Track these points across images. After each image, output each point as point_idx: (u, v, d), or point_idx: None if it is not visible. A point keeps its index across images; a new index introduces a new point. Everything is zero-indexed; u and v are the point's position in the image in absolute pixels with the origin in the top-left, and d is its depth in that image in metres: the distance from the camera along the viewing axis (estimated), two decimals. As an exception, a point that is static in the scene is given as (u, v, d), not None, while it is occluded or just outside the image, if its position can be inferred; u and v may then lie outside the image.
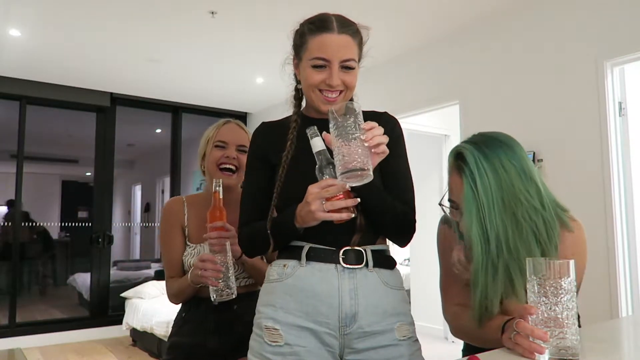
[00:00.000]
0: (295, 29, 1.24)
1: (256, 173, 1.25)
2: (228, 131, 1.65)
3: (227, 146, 1.62)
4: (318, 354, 1.10)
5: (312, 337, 1.10)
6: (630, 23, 2.77)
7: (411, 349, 1.15)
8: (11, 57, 4.29)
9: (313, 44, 1.16)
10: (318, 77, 1.15)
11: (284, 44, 1.34)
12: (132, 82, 5.03)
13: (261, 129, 1.31)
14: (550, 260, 0.90)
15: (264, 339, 1.12)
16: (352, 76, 1.17)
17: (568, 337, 0.88)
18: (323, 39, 1.15)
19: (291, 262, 1.15)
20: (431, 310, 4.97)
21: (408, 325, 1.17)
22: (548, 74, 3.15)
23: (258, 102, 5.76)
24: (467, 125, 3.65)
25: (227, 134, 1.64)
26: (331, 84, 1.14)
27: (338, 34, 1.14)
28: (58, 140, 6.26)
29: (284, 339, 1.10)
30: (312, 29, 1.17)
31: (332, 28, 1.15)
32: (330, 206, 1.03)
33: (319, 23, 1.17)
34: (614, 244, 2.75)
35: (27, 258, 5.48)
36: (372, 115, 1.23)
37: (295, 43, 1.23)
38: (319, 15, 1.20)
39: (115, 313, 5.28)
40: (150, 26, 3.69)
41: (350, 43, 1.16)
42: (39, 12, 3.44)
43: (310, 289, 1.11)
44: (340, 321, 1.11)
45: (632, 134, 2.85)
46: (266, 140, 1.26)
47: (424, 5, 3.32)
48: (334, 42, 1.14)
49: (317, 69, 1.15)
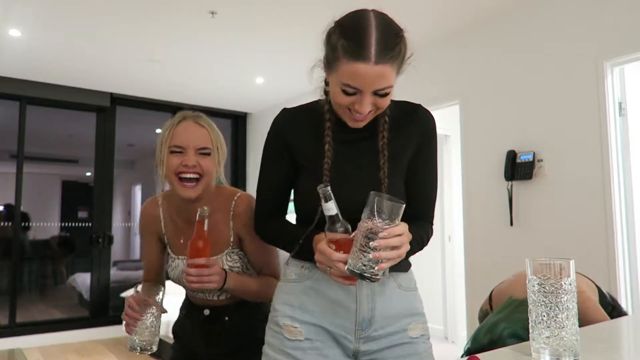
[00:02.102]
0: (330, 30, 1.06)
1: (276, 169, 1.20)
2: (183, 132, 1.35)
3: (184, 151, 1.34)
4: (335, 351, 1.13)
5: (328, 336, 1.13)
6: (630, 23, 2.77)
7: (424, 347, 1.16)
8: (11, 57, 4.29)
9: (345, 69, 1.00)
10: (347, 100, 1.04)
11: (284, 44, 1.33)
12: (132, 82, 5.03)
13: (282, 118, 1.20)
14: (550, 260, 0.90)
15: (284, 335, 1.13)
16: (386, 100, 1.05)
17: (568, 337, 0.88)
18: (357, 68, 0.98)
19: (308, 264, 1.14)
20: (431, 310, 4.98)
21: (422, 324, 1.18)
22: (548, 74, 3.15)
23: (258, 102, 5.76)
24: (467, 125, 3.65)
25: (182, 136, 1.34)
26: (361, 111, 1.04)
27: (375, 64, 0.98)
28: (58, 140, 6.26)
29: (304, 334, 1.11)
30: (347, 51, 0.99)
31: (368, 57, 0.98)
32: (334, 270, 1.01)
33: (356, 47, 0.98)
34: (614, 244, 2.75)
35: (27, 258, 5.48)
36: (404, 108, 1.17)
37: (326, 50, 1.06)
38: (357, 28, 1.00)
39: (115, 313, 5.28)
40: (150, 26, 3.69)
41: (388, 72, 1.00)
42: (39, 12, 3.44)
43: (327, 292, 1.12)
44: (356, 325, 1.12)
45: (632, 134, 2.85)
46: (290, 136, 1.17)
47: (424, 5, 3.32)
48: (368, 74, 0.99)
49: (347, 94, 1.03)
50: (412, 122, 1.17)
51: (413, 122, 1.17)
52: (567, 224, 2.97)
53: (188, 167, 1.32)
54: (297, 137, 1.16)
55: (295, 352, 1.11)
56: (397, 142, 1.15)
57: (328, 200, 1.00)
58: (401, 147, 1.15)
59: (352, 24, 1.02)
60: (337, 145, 1.13)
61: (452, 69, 3.79)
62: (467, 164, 3.62)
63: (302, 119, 1.18)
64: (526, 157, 3.18)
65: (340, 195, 1.04)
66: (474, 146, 3.58)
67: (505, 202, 3.30)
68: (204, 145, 1.35)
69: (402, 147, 1.15)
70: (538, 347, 0.91)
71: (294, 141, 1.17)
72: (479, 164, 3.51)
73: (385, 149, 1.12)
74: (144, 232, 1.53)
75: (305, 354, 1.11)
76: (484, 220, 3.43)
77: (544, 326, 0.89)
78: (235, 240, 1.42)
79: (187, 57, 4.34)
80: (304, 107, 1.21)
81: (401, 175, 1.16)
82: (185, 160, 1.33)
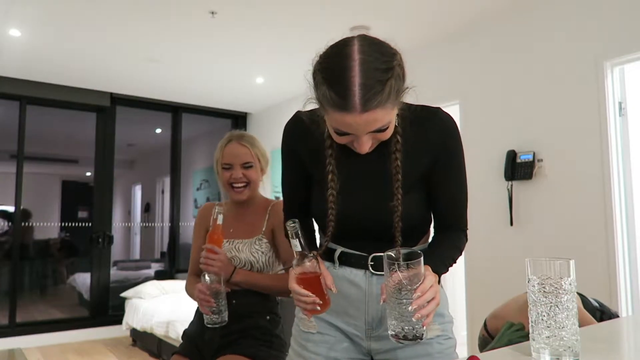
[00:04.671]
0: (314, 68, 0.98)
1: (290, 172, 1.24)
2: (230, 153, 1.76)
3: (232, 167, 1.75)
4: (348, 347, 1.16)
5: (341, 334, 1.17)
6: (630, 23, 2.76)
7: (440, 347, 1.13)
8: (11, 57, 4.28)
9: (333, 117, 0.94)
10: (343, 140, 0.99)
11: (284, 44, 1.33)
12: (132, 82, 5.03)
13: (293, 126, 1.18)
14: (550, 260, 0.90)
15: (299, 327, 1.22)
16: (386, 133, 0.99)
17: (568, 337, 0.88)
18: (344, 118, 0.92)
19: (326, 264, 1.16)
20: (431, 310, 4.98)
21: (439, 324, 1.15)
22: (548, 74, 3.15)
23: (258, 102, 5.75)
24: (467, 125, 3.65)
25: (229, 156, 1.76)
26: (360, 150, 1.00)
27: (361, 112, 0.90)
28: (58, 140, 6.26)
29: (317, 328, 1.18)
30: (330, 103, 0.92)
31: (353, 108, 0.90)
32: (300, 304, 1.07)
33: (339, 99, 0.90)
34: (614, 244, 2.75)
35: (27, 258, 5.49)
36: (422, 113, 1.09)
37: (314, 90, 0.98)
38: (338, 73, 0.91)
39: (115, 313, 5.28)
40: (150, 26, 3.69)
41: (379, 115, 0.92)
42: (39, 12, 3.44)
43: (341, 291, 1.13)
44: (366, 324, 1.14)
45: (632, 134, 2.85)
46: (298, 144, 1.17)
47: (424, 5, 3.31)
48: (357, 123, 0.92)
49: (341, 135, 0.98)
50: (428, 130, 1.09)
51: (431, 132, 1.09)
52: (567, 224, 2.97)
53: (236, 178, 1.74)
54: (305, 147, 1.15)
55: (307, 344, 1.18)
56: (412, 158, 1.08)
57: (294, 237, 1.05)
58: (416, 163, 1.09)
59: (333, 66, 0.93)
60: (344, 158, 1.09)
61: (452, 69, 3.79)
62: (467, 164, 3.61)
63: (311, 126, 1.12)
64: (526, 157, 3.19)
65: (348, 210, 1.10)
66: (474, 146, 3.58)
67: (505, 202, 3.30)
68: (247, 160, 1.75)
69: (417, 163, 1.09)
70: (538, 347, 0.91)
71: (301, 151, 1.17)
72: (479, 163, 3.51)
73: (399, 173, 1.05)
74: (196, 228, 1.87)
75: (316, 346, 1.17)
76: (484, 220, 3.43)
77: (544, 326, 0.90)
78: (267, 232, 1.76)
79: (187, 57, 4.34)
80: (314, 111, 1.12)
81: (417, 187, 1.11)
82: (234, 174, 1.74)
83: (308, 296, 1.03)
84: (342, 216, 1.10)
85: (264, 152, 1.81)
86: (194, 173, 6.58)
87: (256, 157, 1.77)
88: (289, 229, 1.05)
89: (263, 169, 1.81)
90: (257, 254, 1.72)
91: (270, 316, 1.75)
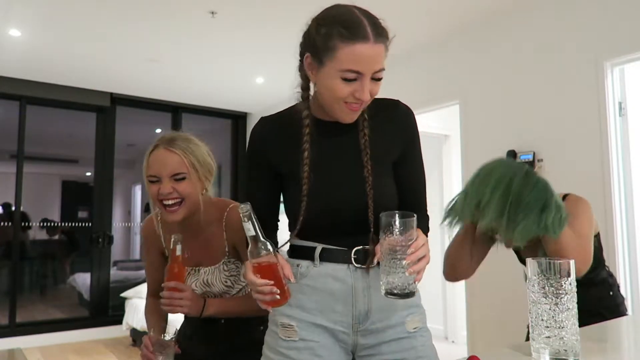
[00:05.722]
0: (312, 26, 1.08)
1: (257, 176, 1.19)
2: (156, 161, 1.37)
3: (160, 179, 1.37)
4: (331, 349, 1.13)
5: (326, 333, 1.14)
6: (630, 23, 2.77)
7: (423, 340, 1.16)
8: (11, 57, 4.28)
9: (345, 54, 1.00)
10: (347, 90, 1.03)
11: (284, 43, 1.33)
12: (132, 82, 5.03)
13: (260, 129, 1.19)
14: (551, 260, 0.90)
15: (279, 335, 1.15)
16: (378, 86, 1.07)
17: (568, 337, 0.88)
18: (358, 49, 1.00)
19: (304, 262, 1.15)
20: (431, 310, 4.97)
21: (419, 315, 1.18)
22: (548, 74, 3.15)
23: (258, 102, 5.76)
24: (467, 125, 3.65)
25: (156, 165, 1.37)
26: (362, 98, 1.04)
27: (374, 43, 1.01)
28: (58, 140, 6.26)
29: (299, 334, 1.13)
30: (345, 36, 1.00)
31: (367, 37, 1.00)
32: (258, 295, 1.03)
33: (352, 30, 1.00)
34: (614, 244, 2.75)
35: (27, 258, 5.49)
36: (384, 104, 1.18)
37: (316, 44, 1.04)
38: (345, 14, 1.04)
39: (115, 313, 5.28)
40: (150, 26, 3.69)
41: (383, 52, 1.03)
42: (39, 12, 3.44)
43: (325, 288, 1.13)
44: (353, 319, 1.13)
45: (632, 134, 2.85)
46: (270, 146, 1.17)
47: (424, 5, 3.32)
48: (369, 53, 1.00)
49: (348, 81, 1.03)
50: (393, 119, 1.17)
51: (395, 119, 1.18)
52: (567, 224, 2.97)
53: (165, 195, 1.36)
54: (276, 147, 1.17)
55: (290, 352, 1.12)
56: (379, 139, 1.15)
57: (247, 220, 1.02)
58: (384, 144, 1.15)
59: (339, 12, 1.05)
60: (317, 149, 1.12)
61: (452, 69, 3.79)
62: (467, 164, 3.61)
63: (279, 127, 1.18)
64: (526, 157, 3.19)
65: (325, 198, 1.10)
66: (474, 146, 3.58)
67: (505, 202, 3.30)
68: (178, 171, 1.37)
69: (384, 144, 1.16)
70: (538, 347, 0.91)
71: (273, 151, 1.16)
72: (479, 164, 3.49)
73: (368, 147, 1.12)
74: (146, 247, 1.58)
75: (299, 353, 1.12)
76: (484, 220, 3.43)
77: (544, 326, 0.90)
78: (231, 251, 1.46)
79: (187, 57, 4.34)
80: (280, 114, 1.21)
81: (387, 172, 1.16)
82: (162, 188, 1.35)
83: (265, 285, 1.01)
84: (317, 199, 1.11)
85: (203, 159, 1.43)
86: (194, 173, 6.57)
87: (190, 166, 1.38)
88: (241, 212, 1.02)
89: (203, 178, 1.43)
90: (230, 281, 1.46)
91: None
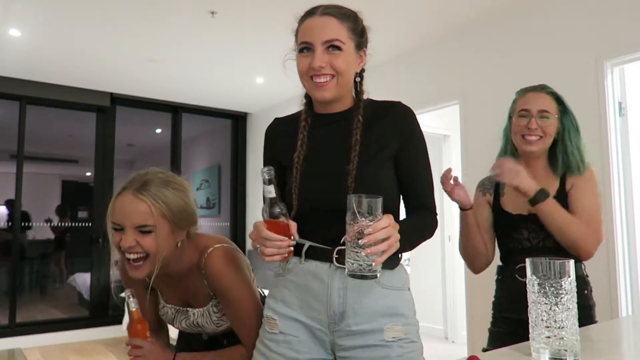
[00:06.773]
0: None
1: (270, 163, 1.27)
2: (121, 208, 1.21)
3: (123, 229, 1.21)
4: (309, 345, 1.16)
5: (305, 329, 1.17)
6: (630, 23, 2.77)
7: (401, 351, 1.12)
8: (11, 57, 4.28)
9: (299, 32, 1.18)
10: (305, 63, 1.15)
11: (284, 44, 1.34)
12: (132, 82, 5.03)
13: (272, 128, 1.33)
14: (550, 260, 0.90)
15: (265, 326, 1.21)
16: (340, 59, 1.13)
17: (568, 337, 0.88)
18: (306, 24, 1.17)
19: (293, 259, 1.19)
20: (431, 310, 4.98)
21: (402, 326, 1.14)
22: (548, 74, 3.15)
23: (258, 102, 5.76)
24: (467, 125, 3.65)
25: (119, 213, 1.21)
26: (313, 66, 1.12)
27: (320, 15, 1.15)
28: (58, 140, 6.26)
29: (279, 328, 1.17)
30: (301, 19, 1.20)
31: (315, 12, 1.16)
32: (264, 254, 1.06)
33: (307, 11, 1.19)
34: (614, 244, 2.75)
35: (27, 258, 5.48)
36: (383, 105, 1.22)
37: (295, 37, 1.23)
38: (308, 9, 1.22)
39: (115, 313, 5.28)
40: (150, 26, 3.69)
41: (334, 23, 1.14)
42: (39, 12, 3.44)
43: (305, 285, 1.16)
44: (329, 318, 1.14)
45: (632, 134, 2.85)
46: (277, 141, 1.29)
47: (424, 5, 3.31)
48: (315, 24, 1.14)
49: (303, 54, 1.16)
50: (388, 117, 1.20)
51: (389, 117, 1.20)
52: (567, 224, 2.96)
53: (126, 248, 1.20)
54: (281, 141, 1.27)
55: (270, 344, 1.18)
56: (373, 133, 1.18)
57: (269, 183, 1.06)
58: (377, 138, 1.18)
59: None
60: (311, 142, 1.20)
61: (452, 69, 3.79)
62: (467, 164, 3.61)
63: (287, 124, 1.28)
64: (526, 157, 3.18)
65: (309, 187, 1.16)
66: (474, 146, 3.58)
67: (505, 202, 3.30)
68: (143, 222, 1.18)
69: (377, 141, 1.18)
70: (538, 347, 0.91)
71: (280, 146, 1.26)
72: (479, 164, 3.50)
73: (357, 145, 1.15)
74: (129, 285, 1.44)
75: (278, 345, 1.17)
76: (484, 220, 3.43)
77: (544, 326, 0.90)
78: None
79: (187, 57, 4.34)
80: (292, 115, 1.31)
81: (378, 167, 1.17)
82: (123, 241, 1.19)
83: (282, 240, 1.05)
84: (303, 191, 1.16)
85: (179, 208, 1.24)
86: (194, 173, 6.59)
87: (161, 217, 1.20)
88: (264, 174, 1.06)
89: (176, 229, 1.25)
90: (220, 322, 1.37)
91: None
